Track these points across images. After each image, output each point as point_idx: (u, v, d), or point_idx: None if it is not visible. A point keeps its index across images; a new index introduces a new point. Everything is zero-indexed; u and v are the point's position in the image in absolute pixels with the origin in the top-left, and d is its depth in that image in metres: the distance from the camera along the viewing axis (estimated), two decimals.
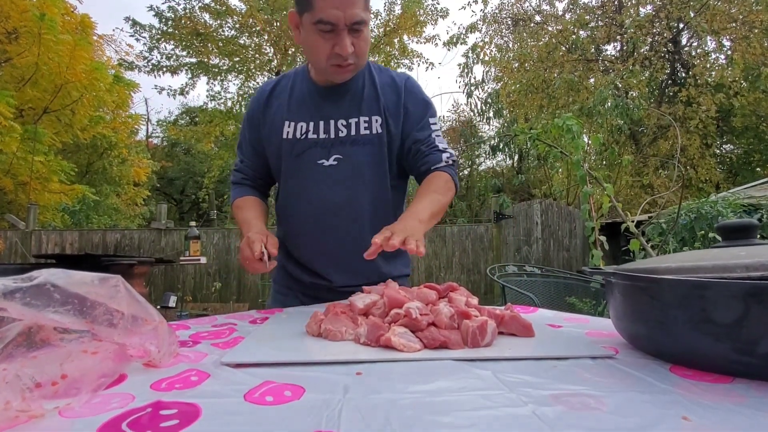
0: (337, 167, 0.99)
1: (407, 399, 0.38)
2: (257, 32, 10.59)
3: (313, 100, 1.02)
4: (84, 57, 7.12)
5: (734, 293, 0.40)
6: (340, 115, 1.01)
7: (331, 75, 0.96)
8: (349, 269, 1.03)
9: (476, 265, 6.25)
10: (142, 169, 11.29)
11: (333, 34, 0.88)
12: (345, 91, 1.02)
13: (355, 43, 0.90)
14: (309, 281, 1.07)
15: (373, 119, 1.01)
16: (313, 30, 0.89)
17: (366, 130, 1.00)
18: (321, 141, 1.00)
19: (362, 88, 1.03)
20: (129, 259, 2.26)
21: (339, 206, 1.00)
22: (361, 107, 1.01)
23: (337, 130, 1.00)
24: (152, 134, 18.30)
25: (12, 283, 0.41)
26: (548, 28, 10.10)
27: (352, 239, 1.00)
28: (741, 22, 8.59)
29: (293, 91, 1.05)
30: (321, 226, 1.01)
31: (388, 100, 1.03)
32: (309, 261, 1.07)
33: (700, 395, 0.39)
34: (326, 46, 0.89)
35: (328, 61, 0.92)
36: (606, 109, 7.20)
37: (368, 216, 1.02)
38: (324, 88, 1.03)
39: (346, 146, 1.00)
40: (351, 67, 0.94)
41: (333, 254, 1.03)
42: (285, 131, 1.01)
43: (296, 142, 1.00)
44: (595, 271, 0.61)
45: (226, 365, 0.48)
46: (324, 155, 0.99)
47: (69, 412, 0.35)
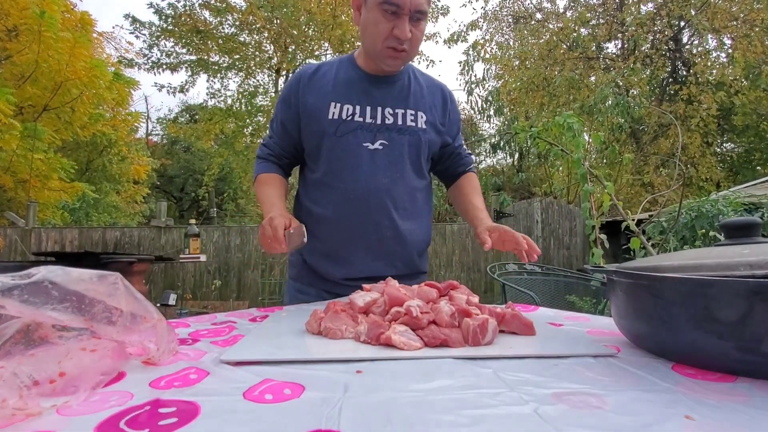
0: (381, 152, 1.01)
1: (408, 397, 0.37)
2: (257, 29, 10.56)
3: (361, 85, 1.04)
4: (84, 54, 7.10)
5: (738, 291, 0.39)
6: (388, 103, 1.04)
7: (384, 59, 0.99)
8: (383, 257, 1.03)
9: (476, 263, 6.25)
10: (142, 166, 11.27)
11: (395, 17, 0.93)
12: (393, 82, 1.06)
13: (413, 31, 0.94)
14: (337, 274, 1.04)
15: (418, 114, 1.06)
16: (377, 10, 0.93)
17: (412, 122, 1.04)
18: (367, 125, 1.02)
19: (409, 84, 1.07)
20: (129, 257, 2.26)
21: (379, 190, 1.01)
22: (409, 101, 1.06)
23: (384, 117, 1.03)
24: (152, 132, 18.29)
25: (10, 280, 0.41)
26: (549, 25, 10.08)
27: (389, 225, 1.02)
28: (742, 21, 8.57)
29: (338, 75, 1.05)
30: (359, 209, 1.00)
31: (435, 102, 1.10)
32: (341, 247, 1.03)
33: (702, 394, 0.38)
34: (387, 27, 0.94)
35: (385, 42, 0.95)
36: (607, 107, 7.19)
37: (406, 204, 1.04)
38: (372, 75, 1.05)
39: (392, 133, 1.02)
40: (404, 54, 0.97)
41: (368, 240, 1.02)
42: (330, 111, 1.01)
43: (341, 123, 1.01)
44: (598, 269, 0.61)
45: (226, 363, 0.48)
46: (369, 139, 1.01)
47: (67, 410, 0.35)
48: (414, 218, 1.06)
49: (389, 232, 1.02)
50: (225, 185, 14.56)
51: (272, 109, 10.54)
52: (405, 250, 1.05)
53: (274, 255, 6.29)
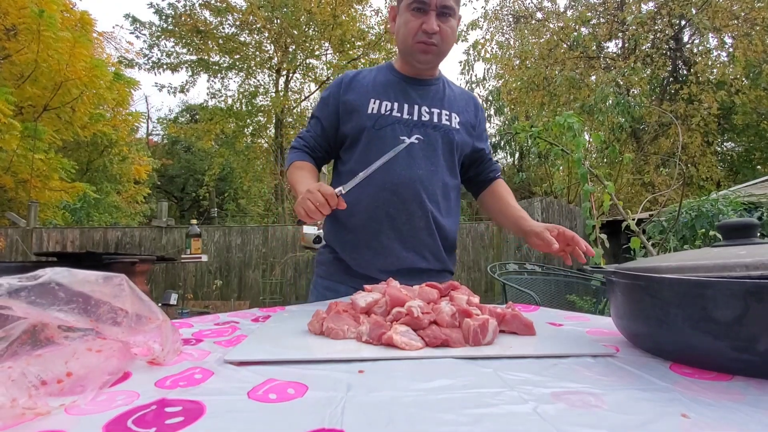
0: (417, 145, 1.06)
1: (409, 397, 0.38)
2: (258, 29, 10.56)
3: (399, 85, 1.11)
4: (84, 54, 7.10)
5: (734, 292, 0.40)
6: (424, 102, 1.10)
7: (416, 54, 1.05)
8: (414, 247, 1.06)
9: (477, 263, 6.26)
10: (143, 166, 11.28)
11: (423, 13, 1.01)
12: (429, 84, 1.13)
13: (441, 26, 1.01)
14: (371, 265, 1.06)
15: (452, 115, 1.12)
16: (406, 12, 1.02)
17: (447, 121, 1.11)
18: (404, 120, 1.07)
19: (444, 89, 1.15)
20: (131, 257, 2.27)
21: (414, 180, 1.04)
22: (444, 102, 1.12)
23: (420, 114, 1.09)
24: (153, 132, 18.29)
25: (17, 281, 0.42)
26: (550, 25, 10.07)
27: (422, 216, 1.06)
28: (743, 20, 8.56)
29: (378, 78, 1.13)
30: (394, 198, 1.04)
31: (467, 107, 1.17)
32: (374, 237, 1.05)
33: (699, 393, 0.39)
34: (416, 23, 1.01)
35: (415, 37, 1.02)
36: (607, 106, 7.19)
37: (438, 198, 1.09)
38: (409, 78, 1.12)
39: (427, 129, 1.08)
40: (434, 48, 1.04)
41: (401, 229, 1.05)
42: (370, 107, 1.07)
43: (380, 117, 1.07)
44: (596, 269, 0.62)
45: (230, 363, 0.48)
46: (406, 132, 1.06)
47: (75, 409, 0.36)
48: (444, 213, 1.11)
49: (422, 222, 1.06)
50: (226, 185, 14.56)
51: (273, 108, 10.55)
52: (435, 243, 1.09)
53: (275, 255, 6.31)
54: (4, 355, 0.38)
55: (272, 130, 11.52)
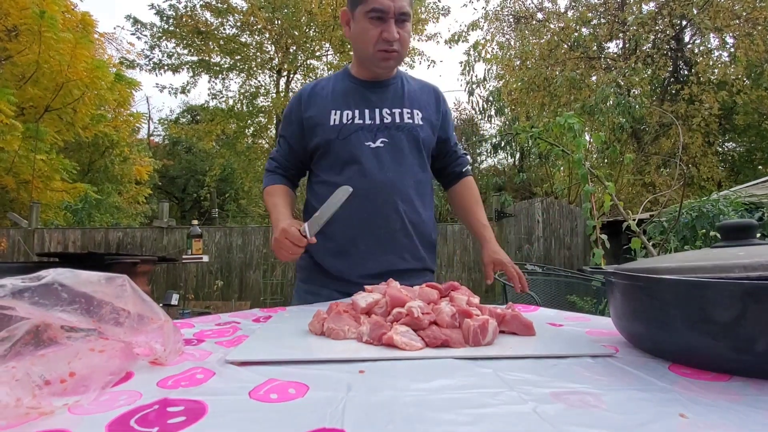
0: (383, 149, 1.08)
1: (409, 397, 0.38)
2: (258, 30, 10.57)
3: (357, 91, 1.12)
4: (85, 55, 7.12)
5: (732, 293, 0.40)
6: (385, 104, 1.11)
7: (378, 62, 1.06)
8: (393, 249, 1.08)
9: (477, 263, 6.25)
10: (144, 167, 11.31)
11: (382, 21, 1.01)
12: (387, 85, 1.13)
13: (400, 32, 1.02)
14: (350, 271, 1.07)
15: (414, 111, 1.13)
16: (364, 20, 1.02)
17: (409, 119, 1.11)
18: (367, 126, 1.08)
19: (402, 87, 1.15)
20: (132, 258, 2.28)
21: (385, 184, 1.06)
22: (403, 101, 1.13)
23: (382, 117, 1.10)
24: (154, 132, 18.32)
25: (21, 282, 0.42)
26: (550, 25, 10.07)
27: (397, 218, 1.07)
28: (744, 19, 8.55)
29: (336, 88, 1.13)
30: (367, 204, 1.05)
31: (429, 100, 1.17)
32: (352, 243, 1.07)
33: (697, 393, 0.39)
34: (375, 32, 1.02)
35: (376, 46, 1.03)
36: (608, 107, 7.19)
37: (412, 196, 1.10)
38: (367, 82, 1.13)
39: (391, 131, 1.09)
40: (395, 54, 1.05)
41: (378, 233, 1.06)
42: (332, 119, 1.08)
43: (343, 127, 1.08)
44: (596, 270, 0.62)
45: (231, 363, 0.49)
46: (370, 138, 1.08)
47: (78, 409, 0.36)
48: (419, 211, 1.12)
49: (398, 224, 1.07)
50: (227, 186, 14.58)
51: (274, 109, 10.56)
52: (413, 243, 1.11)
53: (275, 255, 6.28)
54: (8, 355, 0.38)
55: (273, 130, 11.53)
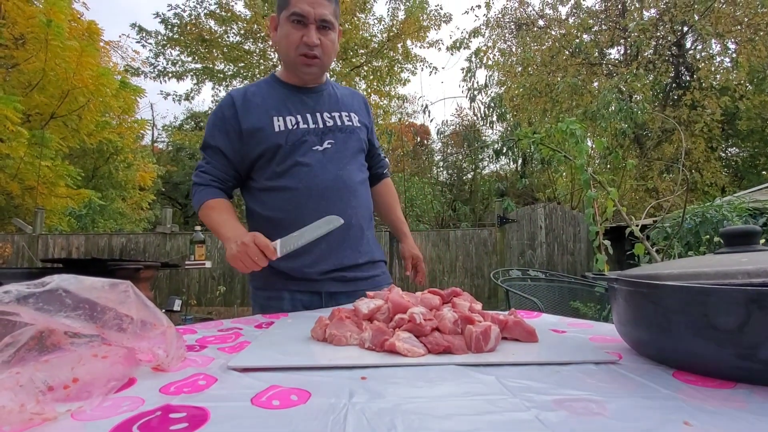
0: (330, 150, 1.11)
1: (411, 403, 0.38)
2: (262, 38, 10.67)
3: (295, 97, 1.13)
4: (91, 63, 7.20)
5: (736, 299, 0.40)
6: (324, 108, 1.15)
7: (300, 66, 1.08)
8: (351, 244, 1.12)
9: (480, 269, 6.23)
10: (148, 173, 11.37)
11: (303, 26, 1.04)
12: (321, 90, 1.17)
13: (322, 39, 1.05)
14: (312, 270, 1.08)
15: (351, 114, 1.18)
16: (286, 24, 1.05)
17: (348, 121, 1.16)
18: (312, 130, 1.11)
19: (334, 93, 1.20)
20: (135, 264, 2.28)
21: (336, 182, 1.09)
22: (339, 104, 1.18)
23: (325, 121, 1.13)
24: (158, 139, 18.46)
25: (25, 288, 0.42)
26: (551, 32, 10.12)
27: (351, 213, 1.10)
28: (746, 25, 8.56)
29: (269, 93, 1.13)
30: (321, 203, 1.07)
31: (358, 106, 1.24)
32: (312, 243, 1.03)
33: (702, 401, 0.39)
34: (297, 36, 1.04)
35: (297, 50, 1.05)
36: (610, 112, 7.19)
37: (359, 193, 1.15)
38: (300, 87, 1.15)
39: (335, 133, 1.13)
40: (317, 60, 1.07)
41: (336, 231, 1.03)
42: (276, 125, 1.08)
43: (289, 133, 1.08)
44: (599, 276, 0.62)
45: (233, 369, 0.49)
46: (317, 142, 1.10)
47: (81, 414, 0.36)
48: (365, 207, 1.18)
49: (352, 219, 1.10)
50: None
51: None
52: (364, 237, 1.16)
53: None
54: (12, 361, 0.38)
55: None
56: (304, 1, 1.02)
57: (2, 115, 6.06)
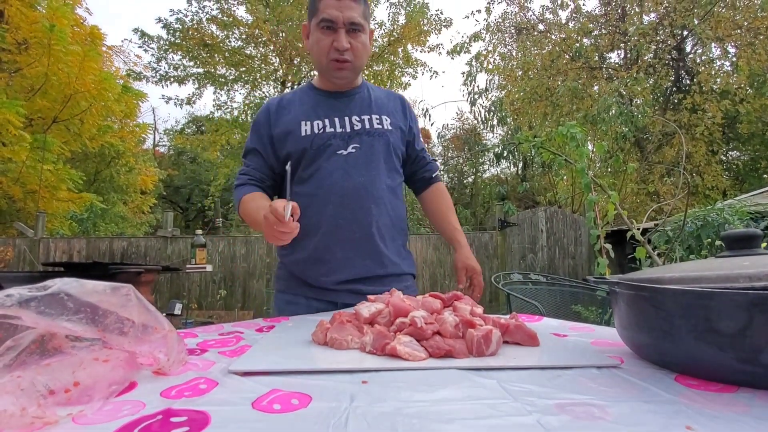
0: (354, 155, 1.08)
1: (413, 407, 0.38)
2: (263, 43, 10.73)
3: (326, 102, 1.13)
4: (93, 67, 7.24)
5: (738, 303, 0.40)
6: (353, 112, 1.12)
7: (332, 71, 1.07)
8: (370, 255, 1.07)
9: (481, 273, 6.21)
10: (149, 177, 11.40)
11: (333, 31, 1.03)
12: (353, 94, 1.15)
13: (352, 42, 1.04)
14: (328, 280, 1.06)
15: (383, 117, 1.14)
16: (317, 30, 1.04)
17: (378, 125, 1.12)
18: (339, 134, 1.09)
19: (368, 95, 1.17)
20: (136, 267, 2.28)
21: (358, 189, 1.06)
22: (371, 107, 1.15)
23: (352, 124, 1.11)
24: (159, 143, 18.52)
25: (27, 292, 0.42)
26: (552, 36, 10.15)
27: (372, 222, 1.07)
28: (746, 29, 8.59)
29: (302, 100, 1.14)
30: (342, 211, 1.05)
31: (395, 107, 1.19)
32: (330, 251, 1.06)
33: (704, 405, 0.39)
34: (327, 41, 1.04)
35: (328, 56, 1.05)
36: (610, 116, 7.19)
37: (385, 201, 1.10)
38: (333, 93, 1.14)
39: (362, 137, 1.10)
40: (348, 64, 1.06)
41: (354, 239, 1.05)
42: (303, 130, 1.08)
43: (315, 137, 1.08)
44: (600, 280, 0.62)
45: (234, 373, 0.49)
46: (342, 146, 1.08)
47: (82, 418, 0.36)
48: (392, 215, 1.12)
49: (372, 228, 1.07)
50: (231, 195, 14.64)
51: None
52: (389, 247, 1.11)
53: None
54: (13, 364, 0.38)
55: None
56: (332, 6, 1.01)
57: (5, 120, 6.08)
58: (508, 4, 10.64)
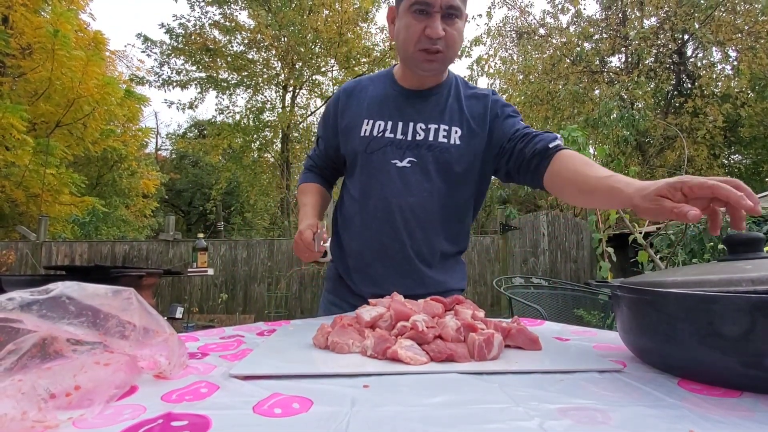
0: (410, 169, 0.98)
1: (414, 412, 0.38)
2: (265, 47, 10.79)
3: (395, 101, 1.02)
4: (96, 72, 7.29)
5: (740, 307, 0.40)
6: (421, 119, 1.00)
7: (419, 63, 0.94)
8: (410, 275, 0.99)
9: (482, 276, 6.21)
10: (151, 181, 11.44)
11: (426, 16, 0.89)
12: (429, 96, 1.01)
13: (447, 30, 0.90)
14: (367, 291, 1.01)
15: (452, 129, 0.99)
16: (407, 14, 0.90)
17: (444, 138, 0.98)
18: (397, 141, 0.99)
19: (446, 98, 1.02)
20: (138, 271, 2.28)
21: (404, 209, 0.97)
22: (444, 116, 1.00)
23: (415, 133, 0.99)
24: (161, 147, 18.60)
25: (29, 295, 0.42)
26: (552, 40, 10.18)
27: (415, 246, 0.98)
28: (746, 33, 8.60)
29: (376, 92, 1.04)
30: (386, 227, 0.98)
31: (473, 112, 1.01)
32: (369, 264, 1.01)
33: (708, 409, 0.38)
34: (418, 27, 0.89)
35: (417, 44, 0.91)
36: (611, 120, 7.20)
37: (438, 223, 1.00)
38: (409, 91, 1.02)
39: (422, 150, 0.98)
40: (440, 55, 0.92)
41: (394, 258, 0.99)
42: (363, 129, 1.01)
43: (372, 140, 0.99)
44: (602, 284, 0.61)
45: (235, 377, 0.48)
46: (398, 156, 0.98)
47: (82, 422, 0.36)
48: (443, 238, 1.02)
49: (414, 250, 0.99)
50: (232, 199, 14.68)
51: (279, 124, 10.69)
52: (433, 267, 1.01)
53: (280, 269, 6.31)
54: (14, 368, 0.38)
55: (279, 144, 11.66)
56: None
57: (8, 124, 6.12)
58: (509, 8, 10.69)
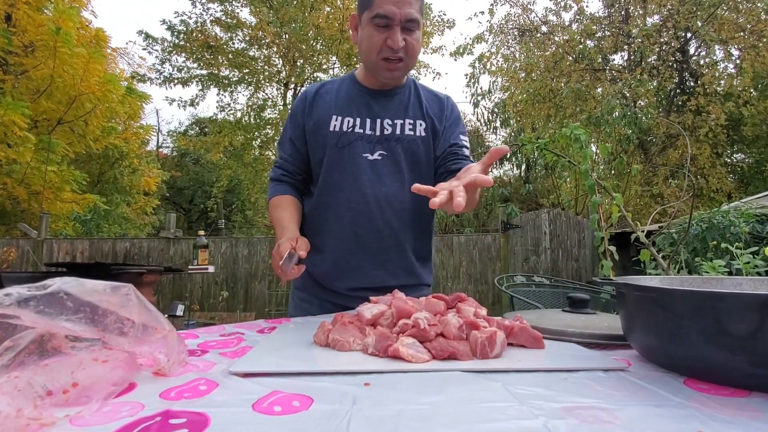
0: (380, 162, 1.03)
1: (415, 410, 0.37)
2: (267, 45, 10.77)
3: (362, 99, 1.07)
4: (98, 69, 7.28)
5: (748, 304, 0.39)
6: (387, 115, 1.06)
7: (381, 71, 1.01)
8: (384, 265, 1.04)
9: (484, 275, 6.20)
10: (152, 178, 11.43)
11: (387, 29, 0.95)
12: (393, 95, 1.08)
13: (406, 40, 0.97)
14: (340, 285, 1.05)
15: (417, 122, 1.07)
16: (369, 25, 0.97)
17: (410, 131, 1.05)
18: (367, 136, 1.04)
19: (408, 96, 1.10)
20: (138, 268, 2.28)
21: (379, 198, 1.02)
22: (408, 111, 1.08)
23: (383, 128, 1.05)
24: (162, 144, 18.59)
25: (26, 291, 0.42)
26: (555, 38, 10.13)
27: (390, 234, 1.03)
28: (749, 31, 8.55)
29: (340, 91, 1.09)
30: (360, 218, 1.02)
31: (432, 108, 1.10)
32: (344, 257, 1.04)
33: (716, 409, 0.38)
34: (380, 38, 0.96)
35: (379, 54, 0.98)
36: (614, 118, 7.17)
37: (408, 213, 1.05)
38: (373, 90, 1.08)
39: (391, 143, 1.04)
40: (400, 64, 0.99)
41: (370, 248, 1.03)
42: (332, 124, 1.04)
43: (342, 135, 1.03)
44: (606, 281, 0.61)
45: (235, 375, 0.48)
46: (369, 150, 1.03)
47: (79, 420, 0.35)
48: (415, 227, 1.08)
49: (390, 240, 1.04)
50: (233, 197, 14.68)
51: (281, 121, 10.68)
52: (406, 259, 1.07)
53: None
54: (11, 365, 0.38)
55: None
56: (389, 1, 0.93)
57: (10, 121, 6.12)
58: (512, 6, 10.64)
